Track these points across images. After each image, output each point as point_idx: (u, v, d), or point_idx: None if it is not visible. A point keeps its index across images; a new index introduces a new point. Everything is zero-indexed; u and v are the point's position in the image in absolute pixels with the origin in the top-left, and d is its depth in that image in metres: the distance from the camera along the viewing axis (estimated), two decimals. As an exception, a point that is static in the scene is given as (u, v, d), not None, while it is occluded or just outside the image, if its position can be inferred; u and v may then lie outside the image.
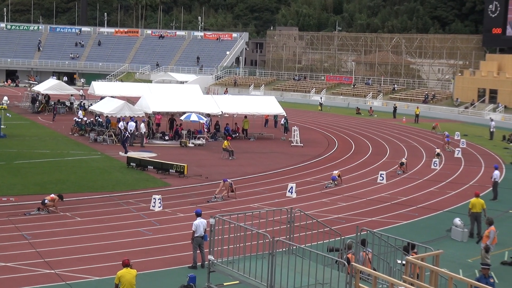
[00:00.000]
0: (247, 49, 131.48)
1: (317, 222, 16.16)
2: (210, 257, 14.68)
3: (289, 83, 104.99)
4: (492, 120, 62.40)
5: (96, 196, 29.22)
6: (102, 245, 21.56)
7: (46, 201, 25.44)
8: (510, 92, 77.17)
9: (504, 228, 25.50)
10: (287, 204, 25.05)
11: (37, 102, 65.72)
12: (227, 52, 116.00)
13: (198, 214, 19.91)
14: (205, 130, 49.94)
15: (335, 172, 34.66)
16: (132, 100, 56.03)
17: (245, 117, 52.30)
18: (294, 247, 14.72)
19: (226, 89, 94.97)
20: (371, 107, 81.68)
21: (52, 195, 25.82)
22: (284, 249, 14.91)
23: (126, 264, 15.17)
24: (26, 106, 69.17)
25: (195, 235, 19.54)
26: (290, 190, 30.69)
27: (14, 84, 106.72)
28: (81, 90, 76.02)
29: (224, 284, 16.46)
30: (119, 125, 45.01)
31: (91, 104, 57.61)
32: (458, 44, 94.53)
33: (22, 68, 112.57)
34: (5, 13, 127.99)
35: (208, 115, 51.04)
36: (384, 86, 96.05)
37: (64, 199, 26.28)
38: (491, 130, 58.56)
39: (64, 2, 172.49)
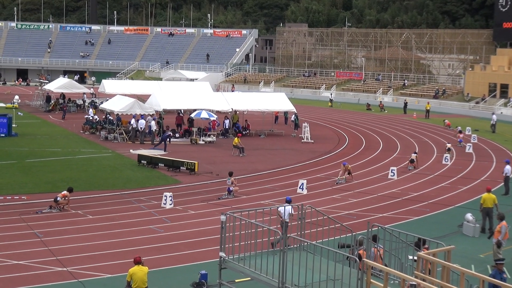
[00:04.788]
0: (257, 46, 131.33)
1: (328, 218, 16.13)
2: (221, 253, 14.68)
3: (299, 79, 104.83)
4: (493, 113, 63.30)
5: (107, 194, 29.30)
6: (114, 242, 21.61)
7: (58, 198, 25.55)
8: (521, 86, 76.86)
9: (516, 223, 25.37)
10: (298, 201, 25.02)
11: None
12: (237, 49, 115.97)
13: (287, 201, 21.99)
14: (216, 127, 49.94)
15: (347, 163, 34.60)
16: (143, 98, 56.12)
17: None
18: (305, 244, 14.70)
19: (233, 85, 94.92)
20: (381, 102, 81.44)
21: (64, 192, 25.93)
22: (295, 246, 14.90)
23: (137, 262, 15.22)
24: (37, 105, 69.45)
25: (282, 218, 20.57)
26: (301, 187, 30.66)
27: (25, 83, 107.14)
28: (92, 89, 76.25)
29: (236, 280, 16.46)
30: (138, 123, 45.28)
31: (102, 102, 57.76)
32: (468, 39, 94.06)
33: (32, 67, 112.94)
34: (15, 13, 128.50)
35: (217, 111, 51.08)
36: (394, 81, 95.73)
37: (74, 194, 26.39)
38: (492, 123, 59.36)
39: (74, 0, 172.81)
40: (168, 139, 42.04)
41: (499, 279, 14.25)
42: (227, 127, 50.16)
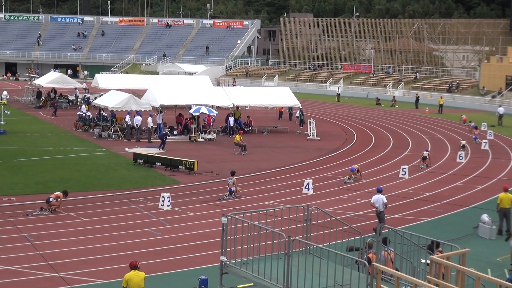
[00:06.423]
0: (259, 37, 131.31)
1: (336, 220, 16.13)
2: (223, 258, 14.69)
3: (304, 73, 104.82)
4: (500, 106, 65.23)
5: (102, 195, 29.33)
6: (109, 246, 21.64)
7: (51, 199, 25.57)
8: (540, 79, 76.78)
9: (535, 224, 25.33)
10: (304, 201, 25.03)
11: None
12: (238, 41, 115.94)
13: (378, 191, 24.24)
14: (212, 123, 49.88)
15: (355, 166, 34.66)
16: (138, 93, 56.18)
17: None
18: (312, 247, 14.71)
19: (234, 80, 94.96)
20: (394, 97, 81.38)
21: (57, 193, 25.97)
22: (300, 249, 14.90)
23: (134, 266, 15.22)
24: (27, 100, 69.53)
25: (376, 208, 23.80)
26: (307, 187, 30.66)
27: (14, 78, 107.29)
28: (84, 83, 76.25)
29: (238, 286, 16.49)
30: (134, 119, 45.29)
31: (95, 98, 57.83)
32: (484, 29, 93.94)
33: (21, 61, 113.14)
34: (3, 3, 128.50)
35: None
36: (406, 74, 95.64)
37: (68, 196, 26.43)
38: (498, 115, 61.08)
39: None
40: (165, 137, 42.03)
41: (517, 283, 14.23)
42: (231, 124, 49.94)
